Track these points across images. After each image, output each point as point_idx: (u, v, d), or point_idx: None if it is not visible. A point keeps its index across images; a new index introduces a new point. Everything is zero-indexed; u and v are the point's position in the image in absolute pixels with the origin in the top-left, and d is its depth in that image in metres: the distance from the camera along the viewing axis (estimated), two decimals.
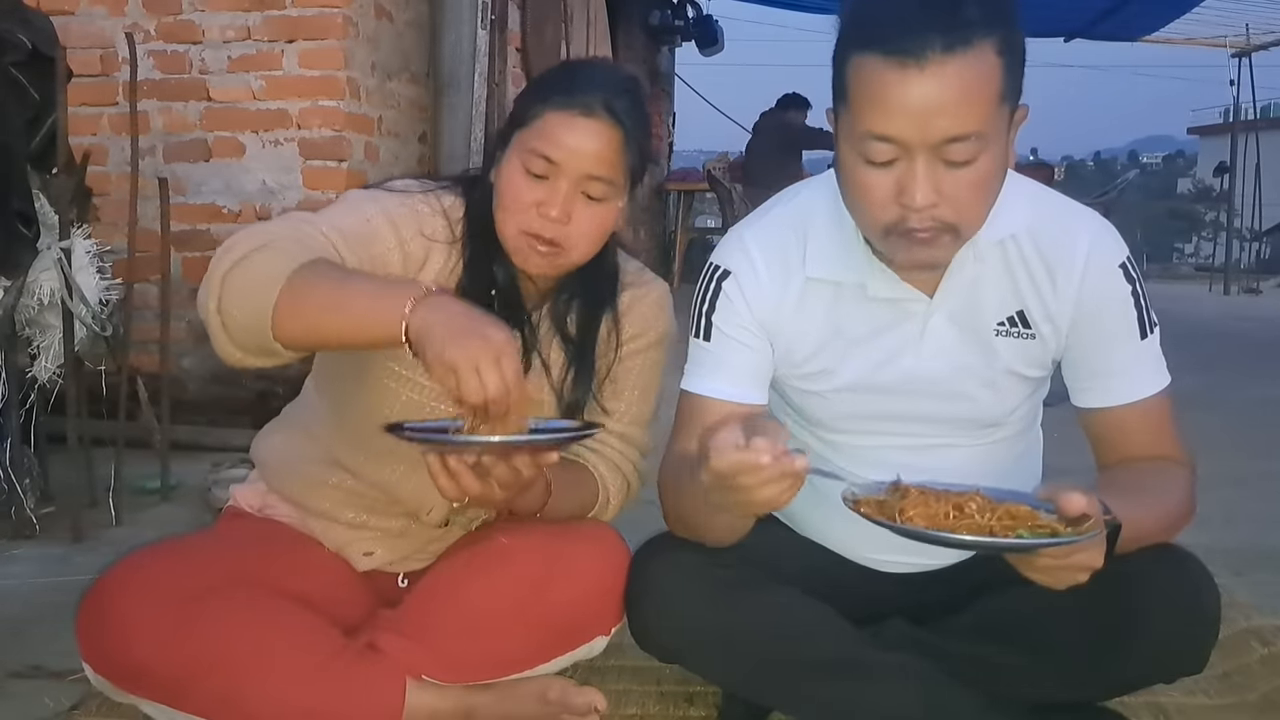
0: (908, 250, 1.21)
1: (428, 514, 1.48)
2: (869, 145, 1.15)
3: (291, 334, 1.17)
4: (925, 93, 1.10)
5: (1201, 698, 1.62)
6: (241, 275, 1.18)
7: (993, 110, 1.14)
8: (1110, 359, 1.33)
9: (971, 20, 1.10)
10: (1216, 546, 1.78)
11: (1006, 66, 1.14)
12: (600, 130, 1.34)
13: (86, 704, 1.55)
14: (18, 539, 2.42)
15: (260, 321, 1.16)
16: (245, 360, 1.21)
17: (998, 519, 1.09)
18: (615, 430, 1.49)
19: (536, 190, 1.34)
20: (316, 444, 1.51)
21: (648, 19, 9.05)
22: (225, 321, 1.19)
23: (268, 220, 1.29)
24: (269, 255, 1.19)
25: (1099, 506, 1.08)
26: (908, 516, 1.08)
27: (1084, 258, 1.31)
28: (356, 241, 1.31)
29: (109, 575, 1.31)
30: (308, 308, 1.16)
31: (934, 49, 1.09)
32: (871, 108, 1.14)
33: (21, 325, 2.46)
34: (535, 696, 1.41)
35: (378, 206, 1.38)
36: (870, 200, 1.19)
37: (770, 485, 1.04)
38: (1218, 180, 16.87)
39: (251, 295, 1.17)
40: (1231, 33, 12.02)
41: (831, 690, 1.30)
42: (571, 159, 1.33)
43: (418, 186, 1.44)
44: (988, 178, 1.18)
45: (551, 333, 1.48)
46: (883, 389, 1.36)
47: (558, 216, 1.33)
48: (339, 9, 3.43)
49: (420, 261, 1.39)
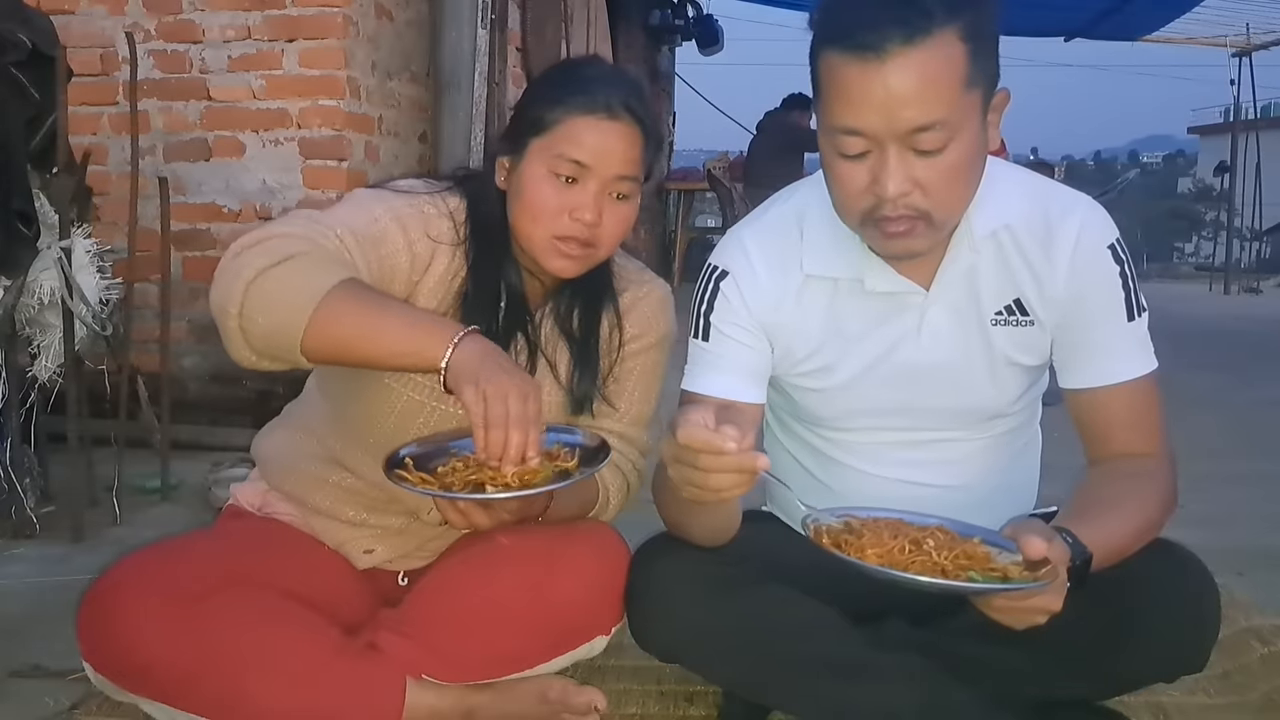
0: (884, 240, 1.23)
1: (428, 513, 1.48)
2: (840, 139, 1.18)
3: (319, 350, 1.19)
4: (887, 85, 1.12)
5: (1201, 697, 1.62)
6: (270, 285, 1.18)
7: (958, 97, 1.15)
8: (1096, 338, 1.33)
9: (930, 10, 1.12)
10: (1216, 546, 1.78)
11: (972, 52, 1.14)
12: (625, 131, 1.36)
13: (86, 704, 1.55)
14: (18, 539, 2.42)
15: (289, 335, 1.18)
16: (259, 364, 1.23)
17: (953, 559, 1.11)
18: (615, 430, 1.49)
19: (567, 195, 1.35)
20: (317, 442, 1.51)
21: (648, 19, 9.05)
22: (245, 326, 1.19)
23: (278, 220, 1.30)
24: (300, 268, 1.20)
25: (1062, 549, 1.10)
26: (864, 554, 1.11)
27: (1074, 237, 1.31)
28: (367, 243, 1.32)
29: (109, 574, 1.31)
30: (343, 330, 1.18)
31: (893, 41, 1.11)
32: (839, 102, 1.17)
33: (21, 325, 2.46)
34: (535, 696, 1.41)
35: (385, 207, 1.38)
36: (846, 192, 1.22)
37: (726, 475, 1.05)
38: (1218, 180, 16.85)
39: (281, 308, 1.18)
40: (1232, 32, 12.02)
41: (831, 690, 1.30)
42: (602, 162, 1.35)
43: (423, 187, 1.45)
44: (961, 164, 1.19)
45: (555, 332, 1.49)
46: (882, 382, 1.37)
47: (593, 220, 1.35)
48: (339, 8, 3.43)
49: (426, 263, 1.39)
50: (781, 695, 1.36)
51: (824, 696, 1.31)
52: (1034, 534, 1.08)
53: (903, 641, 1.36)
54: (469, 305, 1.41)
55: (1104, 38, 10.02)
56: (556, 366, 1.49)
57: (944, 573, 1.09)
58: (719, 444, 1.03)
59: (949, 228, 1.26)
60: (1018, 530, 1.10)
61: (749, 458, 1.04)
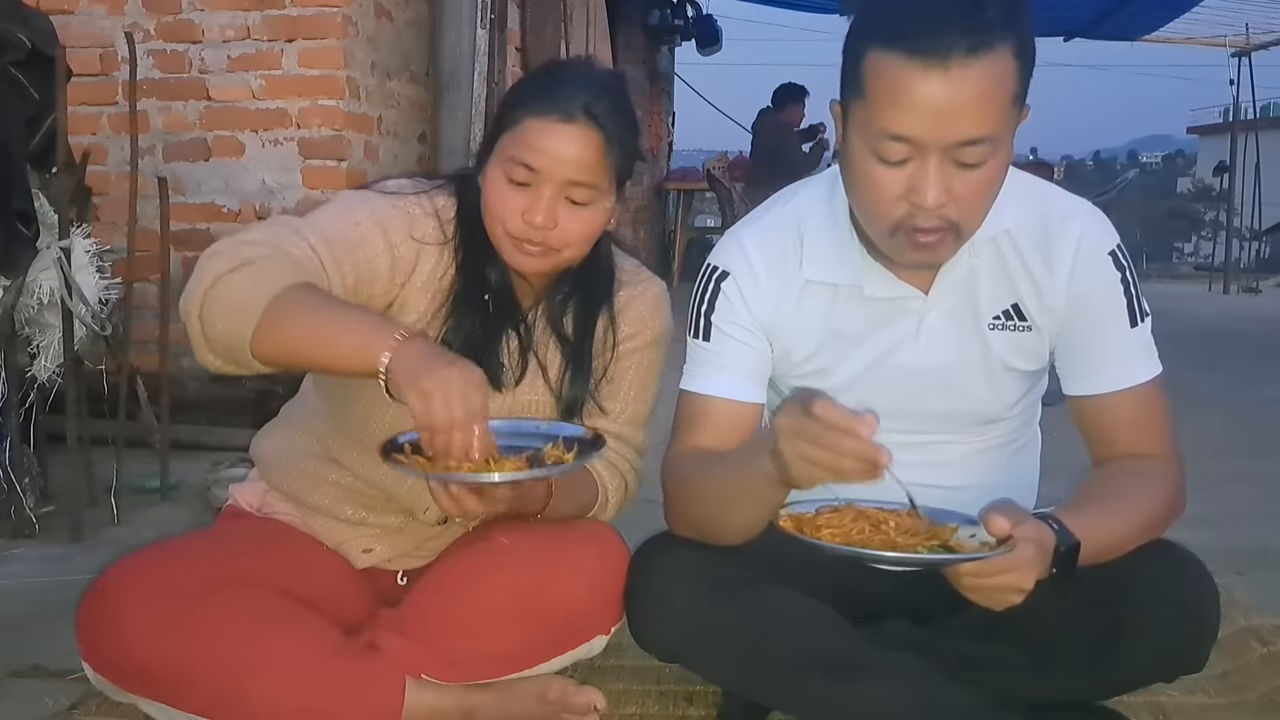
0: (912, 251, 1.21)
1: (424, 512, 1.48)
2: (884, 144, 1.15)
3: (269, 355, 1.21)
4: (947, 94, 1.10)
5: (1201, 697, 1.62)
6: (224, 292, 1.20)
7: (1006, 113, 1.14)
8: (1100, 345, 1.33)
9: (993, 22, 1.10)
10: (1216, 546, 1.78)
11: (1021, 70, 1.14)
12: (579, 135, 1.33)
13: (86, 703, 1.55)
14: (17, 539, 2.42)
15: (239, 340, 1.19)
16: (223, 368, 1.25)
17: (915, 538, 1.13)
18: (611, 430, 1.49)
19: (519, 197, 1.34)
20: (316, 441, 1.51)
21: (647, 18, 9.06)
22: (206, 331, 1.22)
23: (255, 225, 1.31)
24: (252, 276, 1.21)
25: (1035, 529, 1.12)
26: (821, 533, 1.13)
27: (1075, 244, 1.31)
28: (343, 248, 1.32)
29: (109, 574, 1.31)
30: (287, 336, 1.19)
31: (958, 51, 1.08)
32: (889, 106, 1.13)
33: (21, 324, 2.46)
34: (535, 696, 1.41)
35: (368, 209, 1.38)
36: (879, 197, 1.19)
37: (856, 460, 1.04)
38: (1217, 180, 16.86)
39: (232, 314, 1.20)
40: (1231, 32, 12.01)
41: (831, 690, 1.30)
42: (552, 166, 1.33)
43: (410, 187, 1.44)
44: (994, 179, 1.18)
45: (548, 333, 1.48)
46: (880, 385, 1.37)
47: (543, 223, 1.33)
48: (339, 8, 3.43)
49: (410, 265, 1.39)
50: (781, 695, 1.36)
51: (823, 696, 1.31)
52: (1000, 513, 1.10)
53: (902, 641, 1.36)
54: (458, 303, 1.41)
55: (1104, 38, 10.03)
56: (547, 369, 1.48)
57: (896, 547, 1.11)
58: (858, 427, 1.02)
59: (967, 239, 1.25)
60: (987, 510, 1.12)
61: (877, 449, 1.03)
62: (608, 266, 1.50)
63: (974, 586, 1.13)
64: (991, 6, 1.10)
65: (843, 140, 1.24)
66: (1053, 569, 1.15)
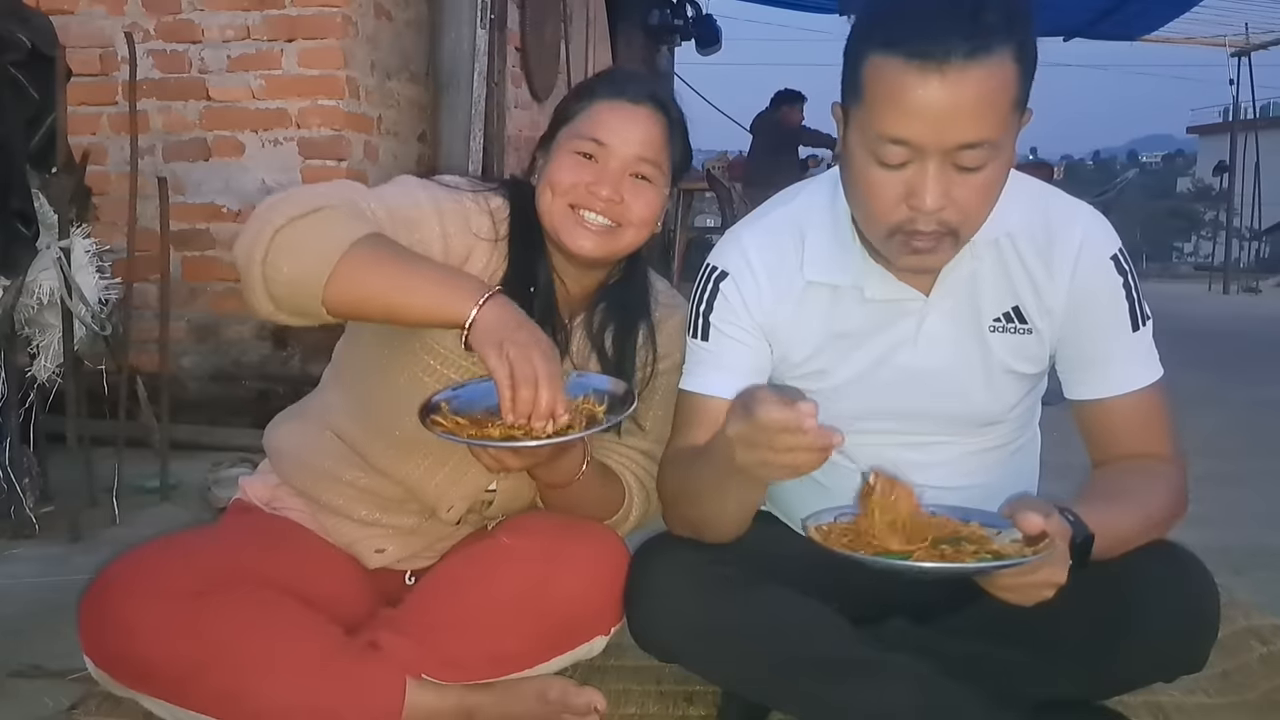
0: (910, 254, 1.22)
1: (448, 510, 1.47)
2: (883, 147, 1.15)
3: (342, 301, 1.20)
4: (946, 98, 1.10)
5: (1201, 697, 1.62)
6: (299, 233, 1.19)
7: (1006, 117, 1.14)
8: (1101, 350, 1.33)
9: (993, 26, 1.10)
10: (1216, 546, 1.78)
11: (1021, 74, 1.14)
12: (648, 115, 1.40)
13: (86, 703, 1.55)
14: (17, 539, 2.42)
15: (312, 283, 1.19)
16: (276, 315, 1.23)
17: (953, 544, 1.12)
18: (641, 448, 1.49)
19: (586, 170, 1.38)
20: (334, 439, 1.49)
21: (647, 18, 9.04)
22: (268, 274, 1.20)
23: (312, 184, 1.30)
24: (329, 219, 1.21)
25: (1060, 523, 1.11)
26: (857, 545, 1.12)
27: (1077, 248, 1.31)
28: (401, 223, 1.32)
29: (112, 570, 1.31)
30: (368, 280, 1.20)
31: (957, 54, 1.09)
32: (888, 109, 1.13)
33: (21, 324, 2.46)
34: (535, 696, 1.41)
35: (428, 194, 1.39)
36: (878, 200, 1.19)
37: (804, 452, 1.06)
38: (1217, 179, 16.88)
39: (307, 255, 1.19)
40: (1231, 32, 12.04)
41: (831, 690, 1.30)
42: (621, 140, 1.38)
43: (468, 185, 1.46)
44: (994, 183, 1.18)
45: (586, 345, 1.48)
46: (879, 387, 1.37)
47: (609, 195, 1.36)
48: (338, 8, 3.43)
49: (462, 257, 1.39)
50: (780, 695, 1.36)
51: (823, 696, 1.31)
52: (1031, 510, 1.09)
53: (902, 641, 1.36)
54: None
55: (1103, 37, 10.03)
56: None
57: (943, 558, 1.09)
58: (799, 421, 1.03)
59: (966, 243, 1.25)
60: (1015, 508, 1.11)
61: (826, 435, 1.04)
62: (643, 280, 1.51)
63: (1011, 586, 1.13)
64: (991, 10, 1.10)
65: (843, 143, 1.24)
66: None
